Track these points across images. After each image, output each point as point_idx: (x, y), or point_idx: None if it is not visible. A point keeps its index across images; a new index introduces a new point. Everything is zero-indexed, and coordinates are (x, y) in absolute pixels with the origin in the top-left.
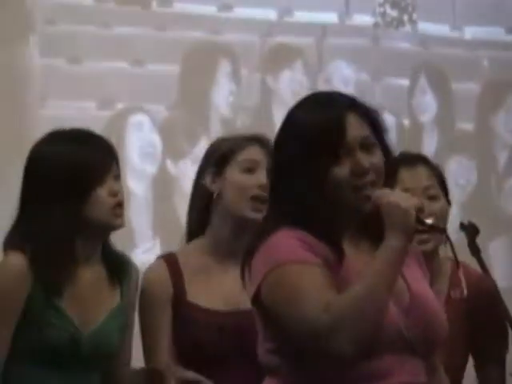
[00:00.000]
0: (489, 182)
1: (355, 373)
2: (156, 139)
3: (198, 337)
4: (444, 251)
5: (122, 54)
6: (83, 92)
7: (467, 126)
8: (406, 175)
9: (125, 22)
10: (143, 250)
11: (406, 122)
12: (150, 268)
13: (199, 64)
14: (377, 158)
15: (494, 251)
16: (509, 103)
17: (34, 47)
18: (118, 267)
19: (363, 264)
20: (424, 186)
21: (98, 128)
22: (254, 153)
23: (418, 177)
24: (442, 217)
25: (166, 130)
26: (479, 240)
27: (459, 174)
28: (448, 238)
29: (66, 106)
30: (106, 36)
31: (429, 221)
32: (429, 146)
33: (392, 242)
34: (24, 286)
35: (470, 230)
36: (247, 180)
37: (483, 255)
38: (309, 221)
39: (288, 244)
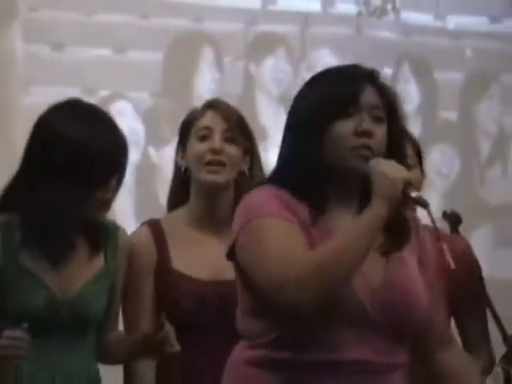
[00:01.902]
0: (471, 171)
1: (315, 340)
2: (139, 127)
3: (181, 304)
4: None
5: (106, 41)
6: (66, 79)
7: (450, 115)
8: None
9: (108, 9)
10: None
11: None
12: (134, 234)
13: (182, 52)
14: (380, 131)
15: (476, 240)
16: (492, 93)
17: (17, 33)
18: (101, 233)
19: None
20: None
21: None
22: (206, 119)
23: None
24: (417, 187)
25: (148, 118)
26: (461, 229)
27: (442, 163)
28: (429, 213)
29: (49, 93)
30: (89, 23)
31: (413, 194)
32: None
33: (374, 208)
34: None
35: (453, 219)
36: (201, 148)
37: None
38: (293, 178)
39: (264, 199)
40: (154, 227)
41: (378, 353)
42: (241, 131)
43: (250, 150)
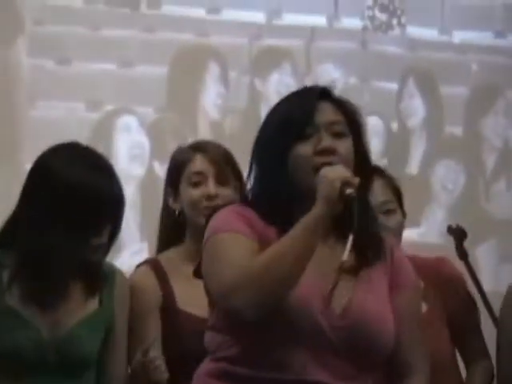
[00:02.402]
0: (476, 185)
1: (272, 358)
2: (144, 141)
3: (187, 344)
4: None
5: (111, 55)
6: (72, 93)
7: (456, 129)
8: None
9: (114, 23)
10: (131, 252)
11: (395, 125)
12: (137, 274)
13: (188, 66)
14: (343, 146)
15: (481, 255)
16: (497, 107)
17: (23, 47)
18: (97, 276)
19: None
20: (379, 202)
21: (86, 129)
22: (197, 165)
23: (374, 192)
24: (398, 230)
25: (154, 132)
26: (466, 243)
27: (447, 177)
28: (353, 211)
29: (55, 107)
30: (94, 38)
31: (348, 191)
32: (417, 150)
33: (313, 209)
34: None
35: (458, 234)
36: (195, 194)
37: (470, 259)
38: (261, 200)
39: (226, 216)
40: (156, 266)
41: (337, 376)
42: (231, 171)
43: (240, 187)
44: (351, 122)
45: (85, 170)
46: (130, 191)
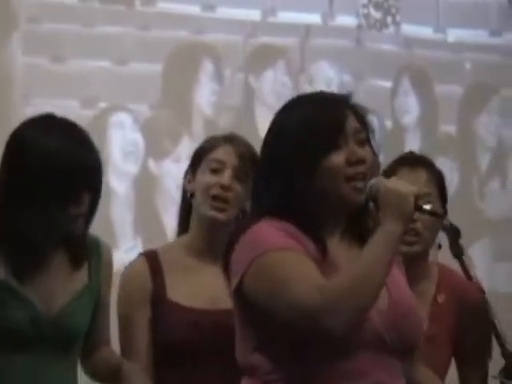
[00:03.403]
0: (471, 184)
1: (333, 371)
2: (138, 138)
3: (176, 334)
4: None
5: (106, 53)
6: (66, 91)
7: (450, 128)
8: (405, 175)
9: (108, 21)
10: (125, 249)
11: (389, 123)
12: (131, 264)
13: (182, 63)
14: (369, 154)
15: (476, 253)
16: (491, 106)
17: (18, 46)
18: (82, 249)
19: (346, 260)
20: (422, 193)
21: None
22: (222, 153)
23: (417, 181)
24: (433, 225)
25: (148, 130)
26: (461, 242)
27: None
28: (446, 226)
29: (49, 105)
30: (89, 35)
31: (427, 206)
32: (411, 148)
33: (388, 226)
34: None
35: (453, 233)
36: (211, 180)
37: (464, 257)
38: (291, 212)
39: (269, 232)
40: (151, 258)
41: (394, 374)
42: (251, 170)
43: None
44: (368, 129)
45: (59, 139)
46: (123, 188)
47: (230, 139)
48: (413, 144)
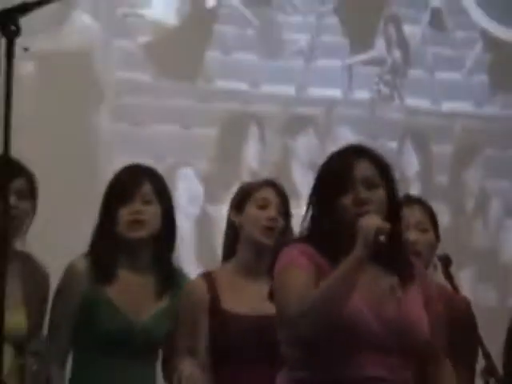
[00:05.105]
0: (459, 222)
1: (342, 364)
2: (199, 188)
3: (229, 337)
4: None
5: (174, 119)
6: (142, 150)
7: (443, 179)
8: (405, 211)
9: (175, 94)
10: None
11: (396, 176)
12: (192, 283)
13: (234, 128)
14: (377, 195)
15: (463, 276)
16: (477, 162)
17: (104, 115)
18: (170, 278)
19: (368, 277)
20: (417, 221)
21: None
22: (266, 193)
23: (414, 213)
24: (431, 246)
25: (207, 180)
26: (452, 268)
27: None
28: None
29: (128, 162)
30: (161, 105)
31: (381, 238)
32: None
33: (355, 252)
34: (81, 284)
35: (445, 260)
36: (260, 214)
37: (454, 280)
38: (317, 239)
39: (291, 253)
40: (207, 277)
41: (393, 371)
42: (288, 207)
43: (288, 219)
44: (383, 174)
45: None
46: (187, 227)
47: (272, 183)
48: (414, 191)
